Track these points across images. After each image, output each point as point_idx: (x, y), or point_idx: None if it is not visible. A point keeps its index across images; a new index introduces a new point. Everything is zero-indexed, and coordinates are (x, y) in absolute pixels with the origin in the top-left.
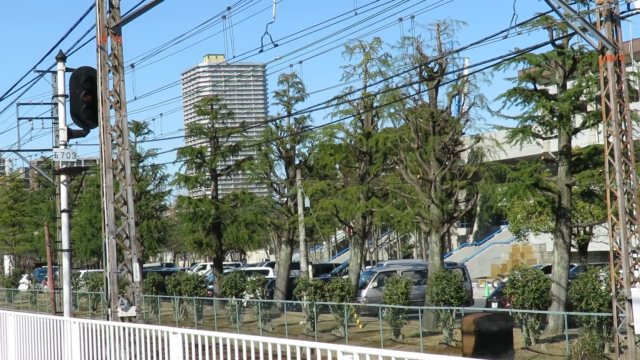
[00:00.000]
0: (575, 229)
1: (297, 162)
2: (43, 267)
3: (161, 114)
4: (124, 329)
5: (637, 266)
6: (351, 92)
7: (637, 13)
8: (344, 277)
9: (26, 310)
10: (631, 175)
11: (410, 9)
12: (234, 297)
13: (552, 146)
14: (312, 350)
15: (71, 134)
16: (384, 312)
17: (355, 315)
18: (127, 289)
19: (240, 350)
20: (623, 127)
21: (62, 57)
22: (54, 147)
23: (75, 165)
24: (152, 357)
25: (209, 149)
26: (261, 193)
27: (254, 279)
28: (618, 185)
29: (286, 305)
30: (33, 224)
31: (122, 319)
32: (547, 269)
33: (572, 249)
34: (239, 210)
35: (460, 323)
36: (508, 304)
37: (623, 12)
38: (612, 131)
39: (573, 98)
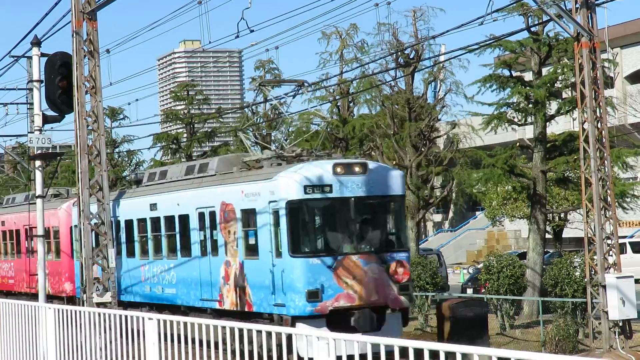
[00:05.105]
0: (550, 215)
1: (273, 148)
2: None
3: (137, 100)
4: (99, 314)
5: (611, 252)
6: (327, 79)
7: (612, 0)
8: None
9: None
10: (606, 161)
11: None
12: None
13: (528, 133)
14: (289, 336)
15: (46, 120)
16: None
17: None
18: (103, 275)
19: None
20: (598, 114)
21: (37, 42)
22: (29, 132)
23: (50, 151)
24: (127, 342)
25: (185, 135)
26: None
27: None
28: (593, 172)
29: None
30: None
31: (98, 304)
32: (522, 255)
33: (547, 235)
34: None
35: (435, 309)
36: (483, 290)
37: None
38: (587, 118)
39: (548, 85)
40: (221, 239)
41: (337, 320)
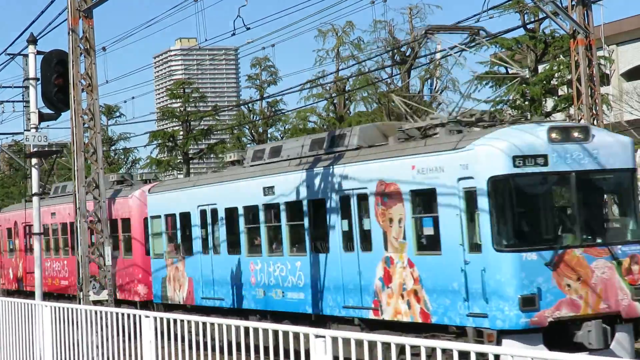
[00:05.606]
0: None
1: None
2: None
3: (133, 97)
4: (95, 312)
5: None
6: (324, 76)
7: None
8: None
9: None
10: None
11: None
12: None
13: None
14: (286, 333)
15: (42, 117)
16: None
17: None
18: (99, 273)
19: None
20: (594, 111)
21: (33, 40)
22: (25, 130)
23: (46, 149)
24: (124, 340)
25: (181, 133)
26: None
27: None
28: None
29: None
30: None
31: (94, 302)
32: None
33: None
34: None
35: None
36: None
37: None
38: (583, 115)
39: (544, 82)
40: (377, 229)
41: (555, 335)
